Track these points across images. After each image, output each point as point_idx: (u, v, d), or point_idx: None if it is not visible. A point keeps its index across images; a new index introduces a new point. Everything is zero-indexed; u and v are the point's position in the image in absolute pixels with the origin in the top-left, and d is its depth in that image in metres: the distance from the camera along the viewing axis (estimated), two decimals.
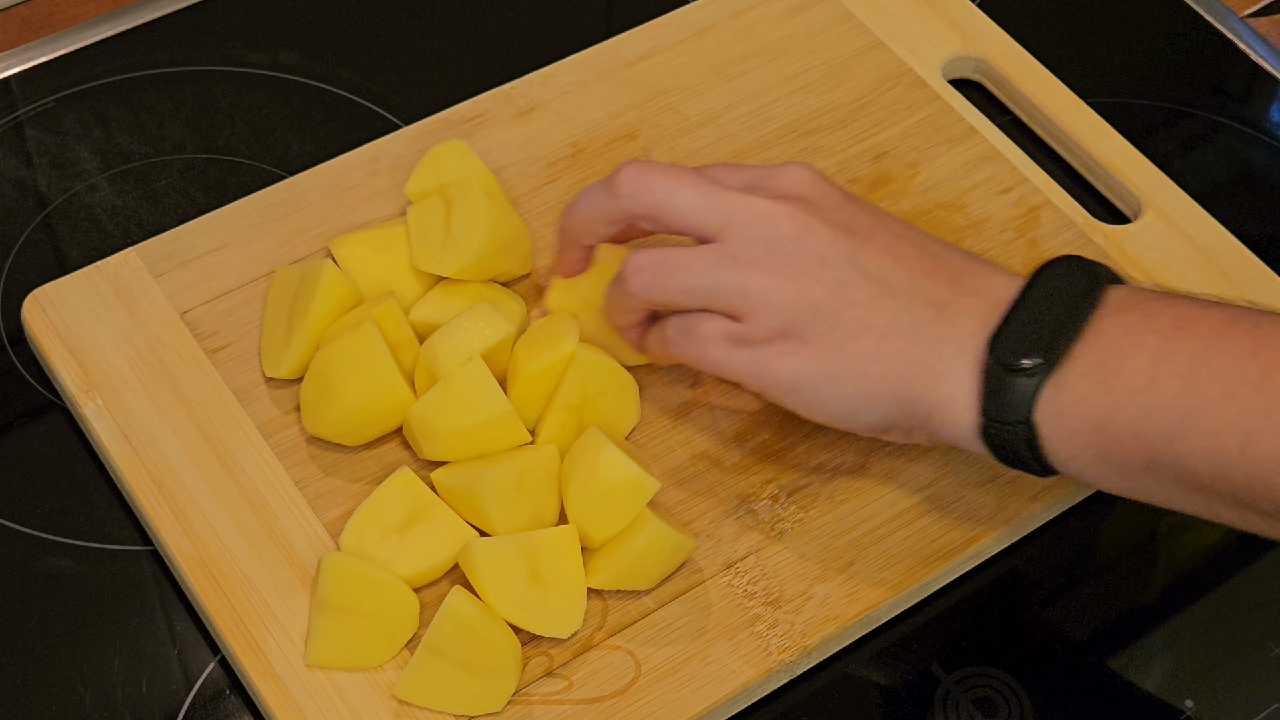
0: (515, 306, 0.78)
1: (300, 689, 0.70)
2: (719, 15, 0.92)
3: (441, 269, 0.77)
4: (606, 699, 0.70)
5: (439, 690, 0.69)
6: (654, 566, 0.72)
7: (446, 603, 0.68)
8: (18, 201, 0.87)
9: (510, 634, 0.69)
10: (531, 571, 0.70)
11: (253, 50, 0.93)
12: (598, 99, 0.88)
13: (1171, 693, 0.74)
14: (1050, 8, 0.98)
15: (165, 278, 0.81)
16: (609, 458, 0.71)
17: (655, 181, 0.71)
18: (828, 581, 0.74)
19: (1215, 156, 0.93)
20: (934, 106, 0.89)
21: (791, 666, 0.72)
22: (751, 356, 0.70)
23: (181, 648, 0.73)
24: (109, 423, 0.76)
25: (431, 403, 0.73)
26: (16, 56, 0.92)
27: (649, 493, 0.71)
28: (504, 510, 0.72)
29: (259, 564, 0.72)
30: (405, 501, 0.72)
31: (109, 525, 0.76)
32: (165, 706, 0.71)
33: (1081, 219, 0.86)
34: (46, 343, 0.79)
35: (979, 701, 0.73)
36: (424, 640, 0.68)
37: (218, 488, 0.74)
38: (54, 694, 0.71)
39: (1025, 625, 0.76)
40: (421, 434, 0.73)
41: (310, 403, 0.75)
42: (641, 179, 0.71)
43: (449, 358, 0.73)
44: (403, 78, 0.92)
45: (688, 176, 0.71)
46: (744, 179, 0.72)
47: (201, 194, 0.87)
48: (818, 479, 0.77)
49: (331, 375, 0.74)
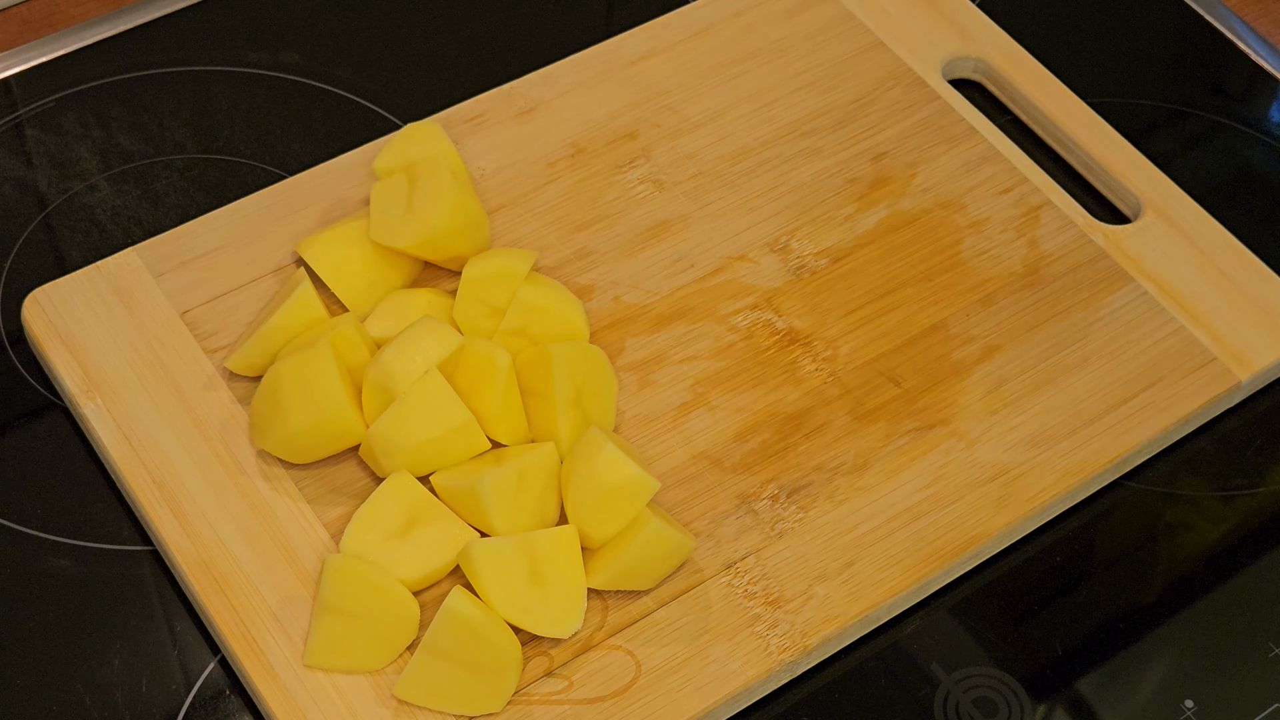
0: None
1: (300, 689, 0.70)
2: (719, 15, 0.92)
3: (398, 242, 0.77)
4: (606, 699, 0.70)
5: (439, 690, 0.69)
6: (654, 566, 0.72)
7: (447, 603, 0.68)
8: (18, 201, 0.87)
9: (510, 634, 0.69)
10: (532, 572, 0.70)
11: (253, 50, 0.93)
12: (598, 99, 0.88)
13: (1171, 693, 0.74)
14: (1050, 8, 0.98)
15: (165, 278, 0.81)
16: (609, 458, 0.71)
17: None
18: (828, 581, 0.74)
19: (1215, 156, 0.92)
20: (934, 106, 0.89)
21: (792, 666, 0.72)
22: None
23: (181, 648, 0.73)
24: (109, 423, 0.76)
25: (392, 418, 0.72)
26: (16, 56, 0.92)
27: (649, 493, 0.71)
28: (504, 511, 0.72)
29: (259, 564, 0.72)
30: (404, 503, 0.72)
31: (109, 525, 0.76)
32: (165, 706, 0.71)
33: (1081, 219, 0.86)
34: (46, 343, 0.79)
35: (979, 701, 0.73)
36: (424, 640, 0.68)
37: (218, 488, 0.74)
38: (54, 694, 0.71)
39: (1025, 625, 0.76)
40: (382, 451, 0.73)
41: (259, 417, 0.75)
42: None
43: (405, 372, 0.73)
44: (403, 78, 0.92)
45: None
46: None
47: (201, 194, 0.87)
48: (818, 479, 0.77)
49: (281, 392, 0.73)
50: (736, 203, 0.85)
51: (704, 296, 0.82)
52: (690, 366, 0.80)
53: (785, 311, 0.82)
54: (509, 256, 0.78)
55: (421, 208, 0.77)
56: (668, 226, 0.84)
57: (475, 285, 0.78)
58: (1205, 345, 0.82)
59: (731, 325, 0.81)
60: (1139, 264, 0.84)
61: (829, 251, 0.84)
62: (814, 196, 0.86)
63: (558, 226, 0.84)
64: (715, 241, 0.84)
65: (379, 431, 0.72)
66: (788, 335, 0.81)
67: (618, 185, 0.86)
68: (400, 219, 0.78)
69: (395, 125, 0.90)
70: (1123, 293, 0.83)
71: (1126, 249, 0.85)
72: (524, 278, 0.77)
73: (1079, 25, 0.98)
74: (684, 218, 0.85)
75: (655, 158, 0.87)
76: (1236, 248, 0.85)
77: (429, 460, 0.73)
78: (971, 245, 0.85)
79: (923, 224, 0.85)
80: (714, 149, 0.87)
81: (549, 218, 0.84)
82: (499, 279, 0.77)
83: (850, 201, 0.86)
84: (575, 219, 0.84)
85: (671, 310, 0.82)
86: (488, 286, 0.78)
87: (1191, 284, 0.84)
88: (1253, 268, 0.85)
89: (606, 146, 0.87)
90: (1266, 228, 0.88)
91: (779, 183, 0.86)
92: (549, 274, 0.82)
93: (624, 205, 0.85)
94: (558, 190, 0.85)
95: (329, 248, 0.79)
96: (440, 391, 0.72)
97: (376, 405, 0.73)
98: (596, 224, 0.84)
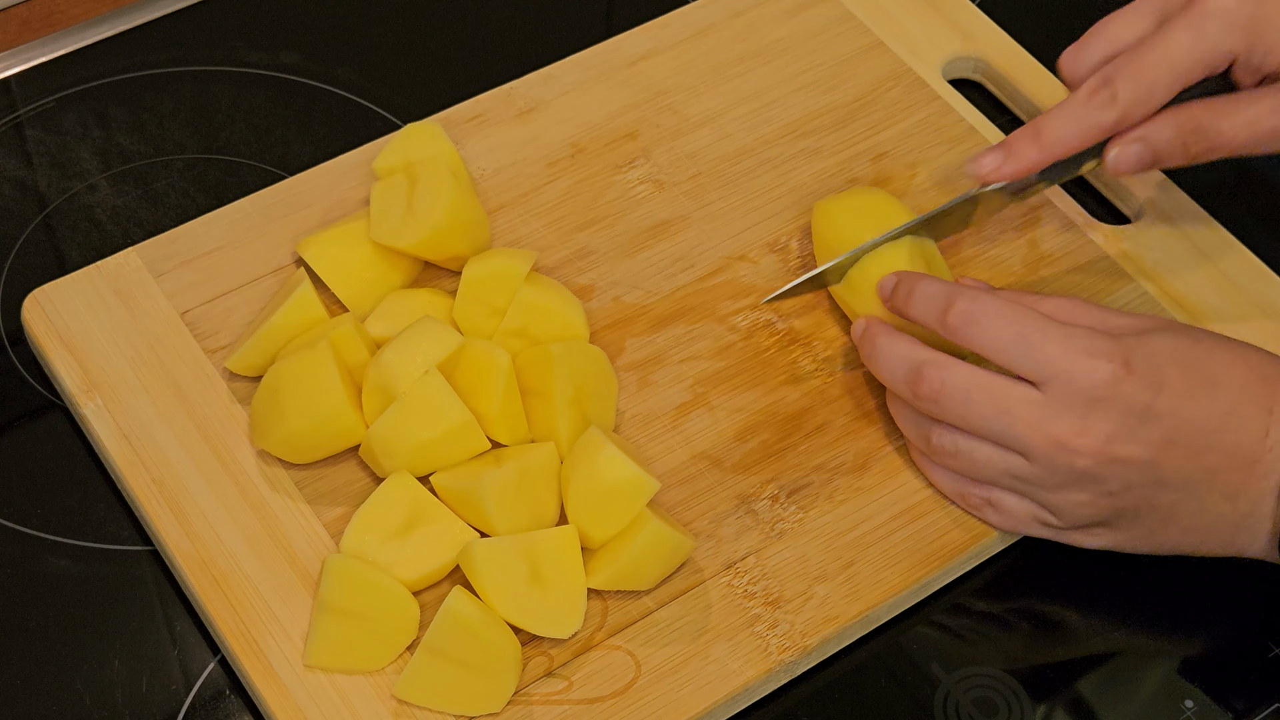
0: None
1: (300, 689, 0.70)
2: (719, 15, 0.92)
3: (398, 242, 0.77)
4: (607, 699, 0.70)
5: (439, 690, 0.69)
6: (654, 566, 0.72)
7: (446, 603, 0.68)
8: (18, 201, 0.87)
9: (510, 634, 0.69)
10: (532, 572, 0.70)
11: (253, 50, 0.93)
12: (597, 99, 0.88)
13: (1171, 693, 0.74)
14: (1050, 8, 0.98)
15: (165, 277, 0.81)
16: (609, 458, 0.71)
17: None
18: (828, 581, 0.74)
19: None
20: (934, 107, 0.89)
21: (791, 667, 0.72)
22: (1057, 533, 0.75)
23: (181, 648, 0.73)
24: (109, 423, 0.76)
25: (392, 418, 0.72)
26: (16, 56, 0.92)
27: (649, 493, 0.71)
28: (504, 511, 0.72)
29: (259, 564, 0.72)
30: (404, 504, 0.72)
31: (109, 525, 0.76)
32: (165, 706, 0.71)
33: (1081, 219, 0.86)
34: (46, 343, 0.79)
35: (979, 701, 0.73)
36: (424, 640, 0.68)
37: (218, 487, 0.74)
38: (54, 694, 0.71)
39: (1025, 625, 0.76)
40: (382, 451, 0.73)
41: (259, 417, 0.75)
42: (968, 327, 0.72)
43: (405, 372, 0.73)
44: (403, 78, 0.92)
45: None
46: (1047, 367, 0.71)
47: (201, 194, 0.87)
48: (818, 479, 0.77)
49: (281, 393, 0.73)
50: (736, 203, 0.85)
51: (704, 296, 0.82)
52: (690, 366, 0.80)
53: (785, 312, 0.82)
54: (509, 256, 0.78)
55: (421, 208, 0.77)
56: (668, 226, 0.84)
57: (475, 285, 0.78)
58: None
59: (731, 325, 0.81)
60: (1139, 264, 0.84)
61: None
62: (814, 196, 0.86)
63: (558, 226, 0.84)
64: (715, 241, 0.84)
65: (379, 432, 0.72)
66: (787, 335, 0.81)
67: (618, 185, 0.86)
68: (400, 219, 0.78)
69: (395, 125, 0.90)
70: (1123, 293, 0.83)
71: (1126, 249, 0.85)
72: (524, 278, 0.77)
73: (1079, 25, 0.97)
74: (684, 218, 0.85)
75: (655, 158, 0.87)
76: (1236, 248, 0.85)
77: (429, 460, 0.73)
78: (971, 245, 0.84)
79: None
80: (714, 149, 0.87)
81: (549, 218, 0.84)
82: (499, 279, 0.77)
83: None
84: (575, 219, 0.84)
85: (671, 310, 0.82)
86: (488, 286, 0.78)
87: (1191, 284, 0.84)
88: (1252, 268, 0.85)
89: (606, 146, 0.87)
90: (1266, 228, 0.88)
91: (779, 183, 0.86)
92: (549, 274, 0.82)
93: (624, 205, 0.85)
94: (558, 190, 0.85)
95: (329, 248, 0.79)
96: (440, 392, 0.72)
97: (376, 405, 0.73)
98: (596, 224, 0.84)
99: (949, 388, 0.71)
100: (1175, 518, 0.72)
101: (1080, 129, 0.76)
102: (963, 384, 0.71)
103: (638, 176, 0.86)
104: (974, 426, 0.71)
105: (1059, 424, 0.70)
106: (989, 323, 0.71)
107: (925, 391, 0.72)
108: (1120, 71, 0.75)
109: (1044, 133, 0.76)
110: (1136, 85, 0.75)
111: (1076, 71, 0.78)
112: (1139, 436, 0.70)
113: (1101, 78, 0.76)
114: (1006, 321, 0.71)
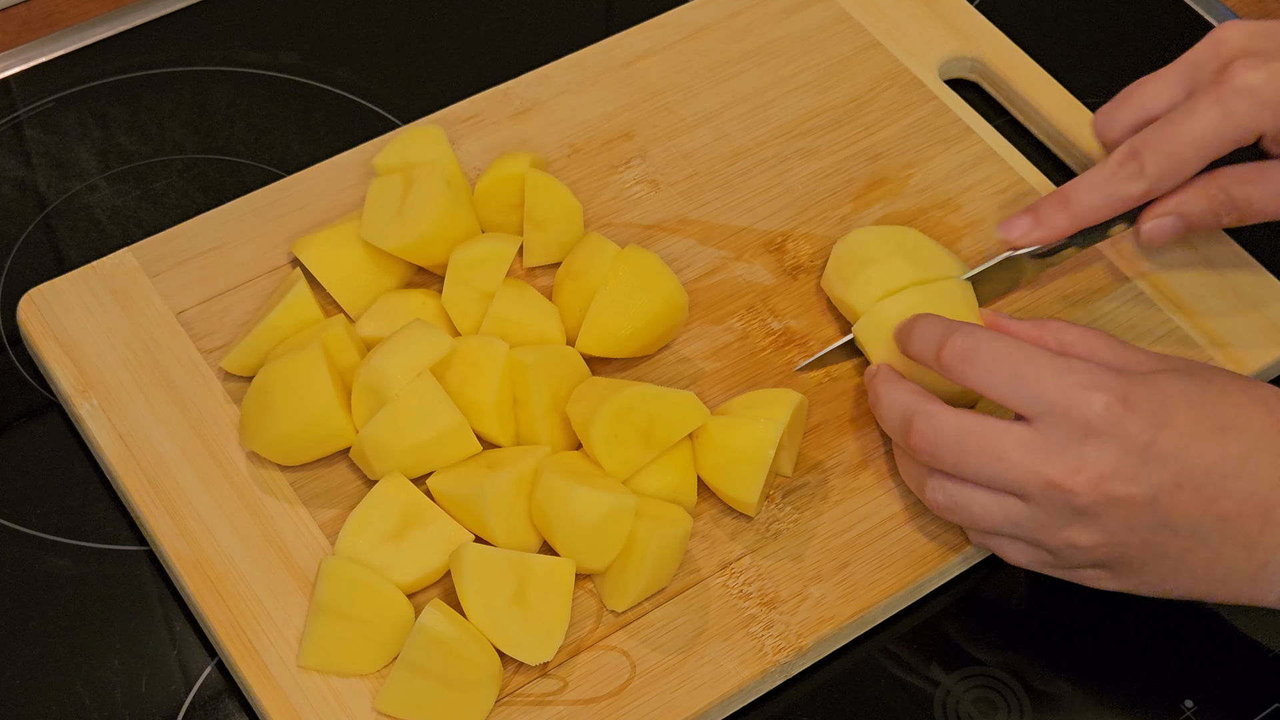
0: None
1: (295, 690, 0.70)
2: (716, 15, 0.92)
3: (384, 243, 0.77)
4: (601, 699, 0.70)
5: (417, 705, 0.68)
6: (669, 567, 0.72)
7: (420, 620, 0.67)
8: (17, 201, 0.87)
9: (489, 650, 0.69)
10: (518, 590, 0.69)
11: (253, 50, 0.93)
12: (594, 99, 0.88)
13: (1171, 693, 0.74)
14: (1047, 8, 0.98)
15: (161, 278, 0.81)
16: (580, 498, 0.70)
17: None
18: (823, 582, 0.74)
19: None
20: (930, 107, 0.89)
21: (787, 667, 0.72)
22: (1059, 572, 0.73)
23: (181, 648, 0.73)
24: (104, 423, 0.76)
25: (383, 421, 0.72)
26: (16, 56, 0.92)
27: (631, 512, 0.70)
28: (504, 518, 0.71)
29: (254, 565, 0.73)
30: (398, 506, 0.72)
31: (108, 525, 0.76)
32: (164, 707, 0.72)
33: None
34: (42, 343, 0.79)
35: (979, 701, 0.73)
36: (401, 656, 0.68)
37: (213, 488, 0.75)
38: (54, 694, 0.71)
39: (1025, 625, 0.76)
40: (373, 454, 0.73)
41: (249, 418, 0.74)
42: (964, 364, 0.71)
43: (394, 376, 0.72)
44: (402, 78, 0.93)
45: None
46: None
47: (201, 194, 0.87)
48: (814, 479, 0.77)
49: (271, 394, 0.73)
50: (733, 203, 0.85)
51: (700, 297, 0.82)
52: (686, 366, 0.80)
53: (781, 312, 0.82)
54: (496, 240, 0.79)
55: (411, 212, 0.77)
56: (664, 227, 0.84)
57: (463, 269, 0.78)
58: (1201, 346, 0.81)
59: (727, 326, 0.81)
60: (1136, 264, 0.84)
61: (825, 252, 0.84)
62: (810, 197, 0.86)
63: None
64: (711, 242, 0.84)
65: (370, 434, 0.72)
66: (783, 336, 0.81)
67: (614, 185, 0.86)
68: (390, 221, 0.78)
69: (394, 125, 0.90)
70: (1120, 293, 0.83)
71: (1125, 250, 0.85)
72: (510, 260, 0.77)
73: (1076, 25, 0.98)
74: (680, 218, 0.85)
75: (651, 158, 0.87)
76: (1236, 249, 0.85)
77: (420, 463, 0.73)
78: (968, 245, 0.84)
79: (919, 224, 0.85)
80: (710, 149, 0.87)
81: None
82: (487, 263, 0.77)
83: (846, 202, 0.86)
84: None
85: None
86: (476, 270, 0.77)
87: (1188, 284, 0.83)
88: (1250, 268, 0.85)
89: (603, 147, 0.87)
90: (1264, 228, 0.88)
91: (775, 183, 0.86)
92: (545, 272, 0.82)
93: (620, 205, 0.85)
94: None
95: (324, 248, 0.79)
96: (431, 394, 0.72)
97: (365, 408, 0.73)
98: (593, 224, 0.84)
99: (941, 438, 0.70)
100: (1186, 566, 0.69)
101: (1108, 199, 0.77)
102: (953, 433, 0.70)
103: (634, 177, 0.86)
104: (969, 474, 0.70)
105: (1054, 461, 0.68)
106: (983, 359, 0.70)
107: (917, 443, 0.71)
108: (1148, 145, 0.76)
109: (1072, 201, 0.77)
110: (1165, 160, 0.76)
111: (1109, 133, 0.79)
112: (1139, 477, 0.68)
113: (1130, 149, 0.77)
114: (1001, 357, 0.70)
